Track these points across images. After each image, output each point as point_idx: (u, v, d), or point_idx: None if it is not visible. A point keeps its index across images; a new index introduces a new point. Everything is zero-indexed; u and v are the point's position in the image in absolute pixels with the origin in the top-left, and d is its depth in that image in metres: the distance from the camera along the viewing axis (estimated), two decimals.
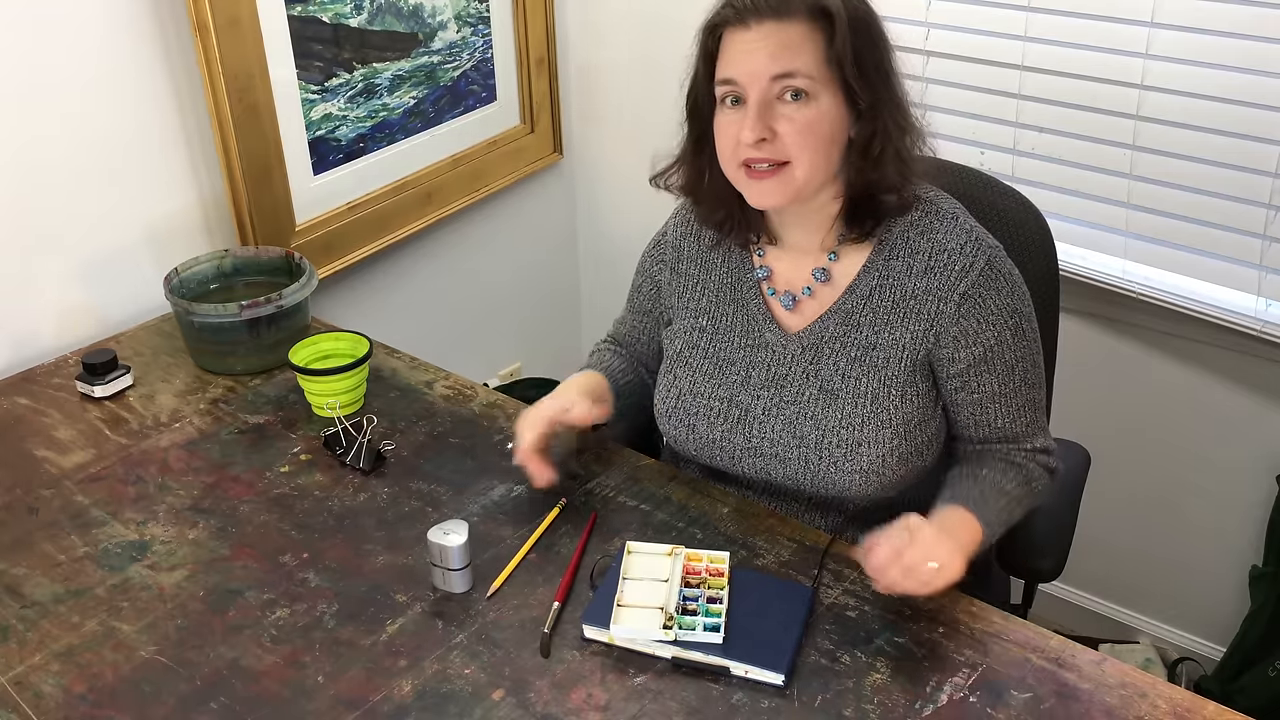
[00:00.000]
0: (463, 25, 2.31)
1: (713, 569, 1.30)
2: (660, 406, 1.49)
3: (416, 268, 2.41)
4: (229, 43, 1.84)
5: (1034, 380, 1.40)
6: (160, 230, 1.94)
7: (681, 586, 1.27)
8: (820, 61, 1.26)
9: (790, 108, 1.26)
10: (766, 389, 1.41)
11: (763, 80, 1.26)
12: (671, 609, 1.23)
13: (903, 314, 1.36)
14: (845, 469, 1.36)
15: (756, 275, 1.44)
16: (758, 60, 1.26)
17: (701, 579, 1.28)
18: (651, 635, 1.21)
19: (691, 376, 1.46)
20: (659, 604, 1.23)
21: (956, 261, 1.34)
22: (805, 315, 1.41)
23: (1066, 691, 1.16)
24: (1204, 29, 1.82)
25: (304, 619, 1.29)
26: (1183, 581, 2.23)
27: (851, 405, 1.36)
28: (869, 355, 1.37)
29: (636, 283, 1.58)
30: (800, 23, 1.25)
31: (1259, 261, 1.90)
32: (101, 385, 1.70)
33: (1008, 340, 1.35)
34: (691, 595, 1.26)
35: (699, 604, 1.24)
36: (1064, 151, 2.04)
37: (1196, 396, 2.07)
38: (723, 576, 1.28)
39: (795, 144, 1.27)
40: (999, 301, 1.35)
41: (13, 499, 1.50)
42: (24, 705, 1.19)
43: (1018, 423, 1.39)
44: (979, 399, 1.37)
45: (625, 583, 1.27)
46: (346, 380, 1.63)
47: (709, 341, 1.46)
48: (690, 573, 1.29)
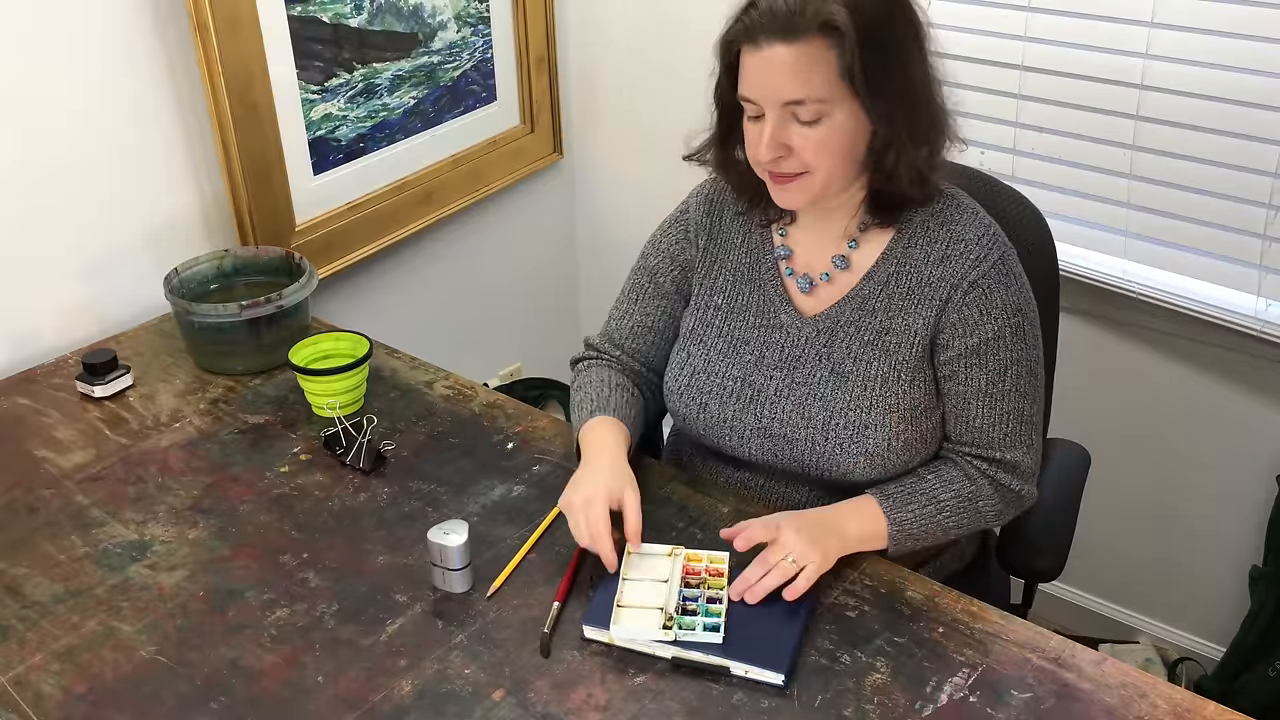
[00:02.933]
0: (463, 25, 2.31)
1: (712, 569, 1.30)
2: (671, 384, 1.48)
3: (416, 268, 2.41)
4: (229, 43, 1.84)
5: (1026, 390, 1.37)
6: (160, 230, 1.94)
7: (681, 587, 1.27)
8: (832, 79, 1.25)
9: (805, 128, 1.27)
10: (779, 370, 1.41)
11: (776, 104, 1.26)
12: (671, 609, 1.23)
13: (916, 300, 1.36)
14: (851, 451, 1.36)
15: (776, 255, 1.44)
16: (769, 84, 1.26)
17: (701, 579, 1.28)
18: (651, 635, 1.21)
19: (705, 354, 1.46)
20: (659, 604, 1.24)
21: (972, 251, 1.34)
22: (822, 299, 1.42)
23: (1066, 691, 1.16)
24: (1204, 29, 1.82)
25: (304, 619, 1.29)
26: (1183, 581, 2.23)
27: (860, 388, 1.36)
28: (882, 340, 1.37)
29: (650, 267, 1.53)
30: (810, 42, 1.23)
31: (1259, 261, 1.90)
32: (101, 385, 1.70)
33: (1006, 338, 1.35)
34: (691, 595, 1.26)
35: (699, 604, 1.25)
36: (1064, 151, 2.04)
37: (1196, 396, 2.07)
38: (722, 577, 1.28)
39: (812, 158, 1.29)
40: (1005, 297, 1.34)
41: (13, 499, 1.50)
42: (24, 705, 1.19)
43: (996, 428, 1.37)
44: (964, 392, 1.36)
45: (625, 583, 1.27)
46: (346, 380, 1.63)
47: (724, 320, 1.46)
48: (690, 573, 1.29)
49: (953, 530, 1.37)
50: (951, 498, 1.36)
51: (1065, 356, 1.68)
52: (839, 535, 1.30)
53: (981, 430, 1.37)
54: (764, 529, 1.29)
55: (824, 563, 1.27)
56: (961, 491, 1.36)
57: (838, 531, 1.31)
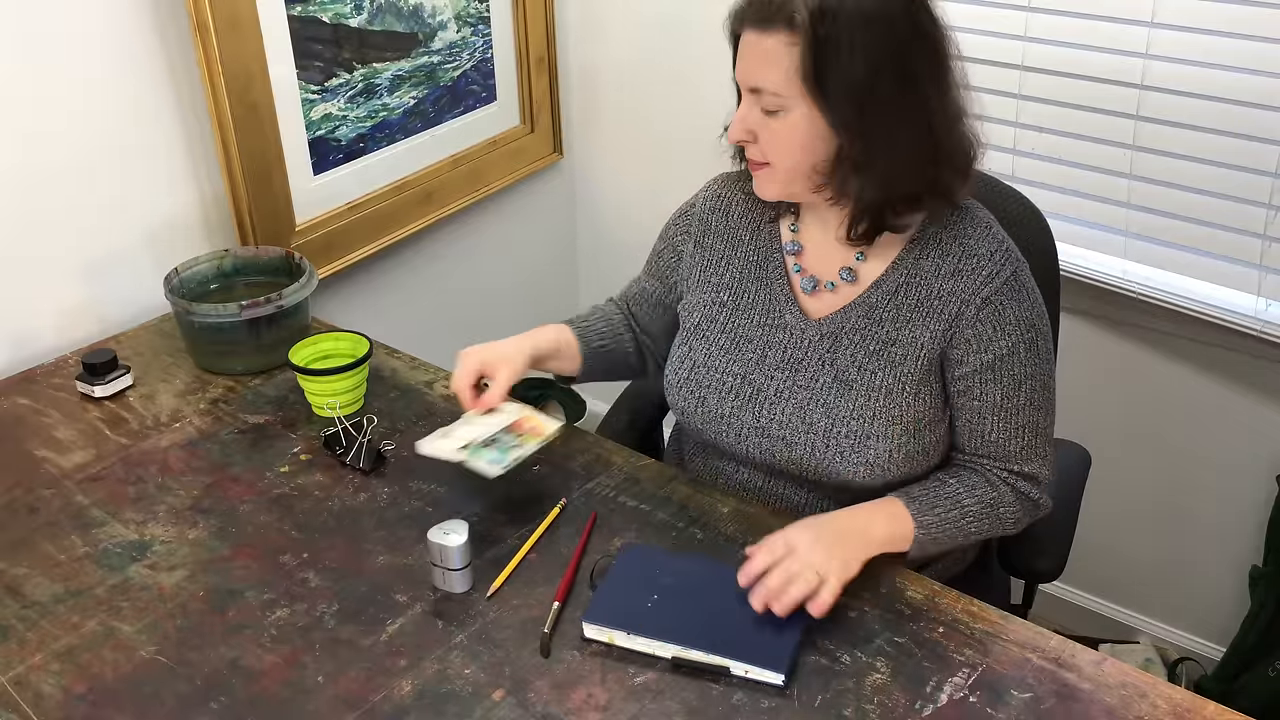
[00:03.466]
0: (463, 25, 2.31)
1: (535, 429, 1.44)
2: (671, 378, 1.49)
3: (416, 268, 2.41)
4: (229, 43, 1.85)
5: (1040, 403, 1.37)
6: (160, 230, 1.94)
7: (500, 432, 1.42)
8: (789, 76, 1.25)
9: (767, 118, 1.30)
10: (781, 371, 1.41)
11: (747, 88, 1.30)
12: (478, 441, 1.40)
13: (925, 313, 1.35)
14: (851, 460, 1.36)
15: (785, 249, 1.44)
16: (744, 68, 1.30)
17: (522, 432, 1.43)
18: (446, 455, 1.38)
19: (707, 349, 1.46)
20: (471, 437, 1.40)
21: (984, 267, 1.34)
22: (828, 303, 1.42)
23: (1066, 691, 1.16)
24: (1204, 29, 1.82)
25: (304, 619, 1.29)
26: (1183, 581, 2.23)
27: (864, 398, 1.36)
28: (887, 350, 1.37)
29: (658, 248, 1.59)
30: (776, 34, 1.25)
31: (1259, 261, 1.90)
32: (101, 385, 1.70)
33: (1020, 353, 1.34)
34: (502, 439, 1.41)
35: (503, 444, 1.40)
36: (1064, 151, 2.04)
37: (1196, 396, 2.07)
38: (538, 436, 1.43)
39: (769, 150, 1.32)
40: (1018, 313, 1.34)
41: (13, 499, 1.50)
42: (24, 705, 1.19)
43: (1013, 441, 1.37)
44: (979, 407, 1.36)
45: (461, 424, 1.45)
46: (346, 380, 1.63)
47: (728, 316, 1.46)
48: (515, 425, 1.44)
49: (973, 536, 1.37)
50: (975, 503, 1.35)
51: (1065, 356, 1.68)
52: (861, 538, 1.28)
53: (998, 444, 1.37)
54: (782, 543, 1.25)
55: (844, 571, 1.23)
56: (985, 497, 1.36)
57: (860, 535, 1.28)
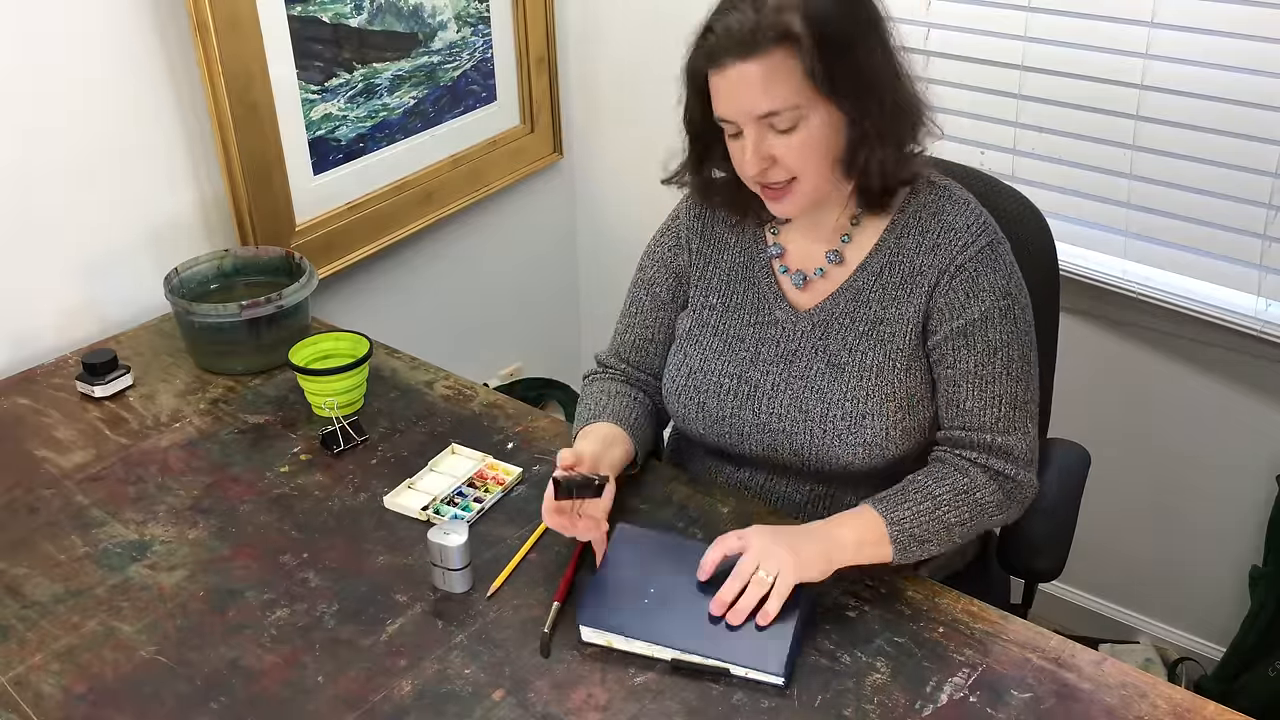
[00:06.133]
0: (463, 25, 2.31)
1: (498, 478, 1.48)
2: (669, 385, 1.49)
3: (416, 268, 2.41)
4: (229, 43, 1.85)
5: (1018, 374, 1.36)
6: (160, 230, 1.94)
7: (464, 485, 1.47)
8: (800, 86, 1.26)
9: (784, 136, 1.29)
10: (775, 365, 1.42)
11: (751, 119, 1.28)
12: (441, 497, 1.44)
13: (909, 289, 1.37)
14: (849, 441, 1.36)
15: (769, 253, 1.45)
16: (741, 102, 1.28)
17: (485, 484, 1.47)
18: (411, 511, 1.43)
19: (701, 354, 1.46)
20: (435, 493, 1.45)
21: (960, 238, 1.35)
22: (816, 293, 1.42)
23: (1066, 691, 1.16)
24: (1204, 29, 1.82)
25: (304, 619, 1.29)
26: (1183, 581, 2.23)
27: (856, 378, 1.37)
28: (876, 330, 1.38)
29: (646, 279, 1.53)
30: (772, 54, 1.25)
31: (1259, 261, 1.90)
32: (101, 385, 1.70)
33: (994, 319, 1.34)
34: (466, 492, 1.46)
35: (465, 500, 1.45)
36: (1064, 151, 2.04)
37: (1196, 396, 2.07)
38: (501, 485, 1.47)
39: (796, 164, 1.30)
40: (992, 280, 1.35)
41: (13, 499, 1.50)
42: (24, 705, 1.19)
43: (988, 411, 1.35)
44: (953, 375, 1.36)
45: (428, 473, 1.51)
46: (346, 380, 1.63)
47: (720, 319, 1.47)
48: (479, 476, 1.49)
49: (957, 527, 1.33)
50: (946, 491, 1.33)
51: (1065, 356, 1.68)
52: (825, 540, 1.27)
53: (972, 414, 1.36)
54: (736, 540, 1.26)
55: (800, 565, 1.23)
56: (956, 484, 1.33)
57: (824, 537, 1.28)
